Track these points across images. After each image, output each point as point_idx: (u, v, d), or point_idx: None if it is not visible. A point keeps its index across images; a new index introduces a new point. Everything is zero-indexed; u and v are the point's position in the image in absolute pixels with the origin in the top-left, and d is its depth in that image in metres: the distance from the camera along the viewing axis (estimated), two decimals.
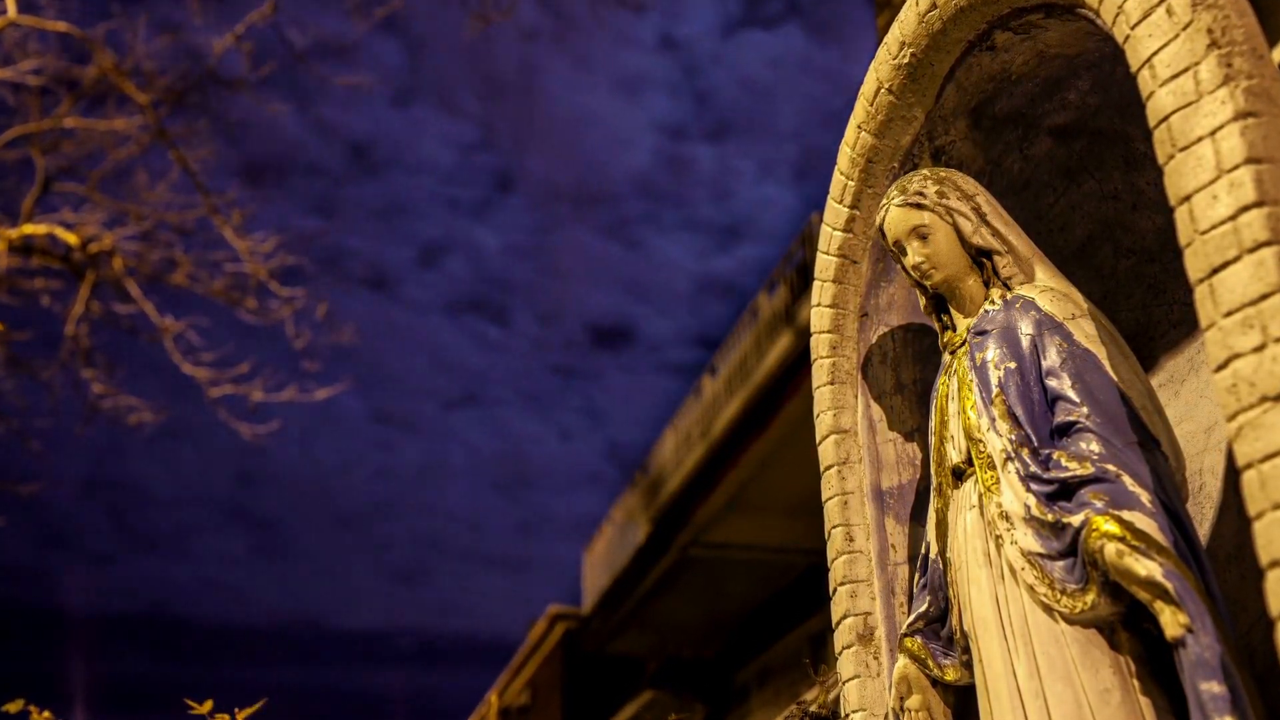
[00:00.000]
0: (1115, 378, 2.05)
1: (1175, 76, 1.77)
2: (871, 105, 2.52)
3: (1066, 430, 2.03)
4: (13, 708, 3.44)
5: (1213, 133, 1.70)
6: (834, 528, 2.56)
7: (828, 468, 2.61)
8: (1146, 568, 1.80)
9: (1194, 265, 1.70)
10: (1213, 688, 1.70)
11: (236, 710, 2.99)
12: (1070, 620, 1.93)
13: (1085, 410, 2.02)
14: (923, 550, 2.34)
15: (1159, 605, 1.79)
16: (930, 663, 2.27)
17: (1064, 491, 1.97)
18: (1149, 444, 1.99)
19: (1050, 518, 1.95)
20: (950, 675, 2.25)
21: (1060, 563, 1.94)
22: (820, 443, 2.64)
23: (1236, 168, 1.66)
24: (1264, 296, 1.60)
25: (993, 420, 2.11)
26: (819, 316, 2.68)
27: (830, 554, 2.57)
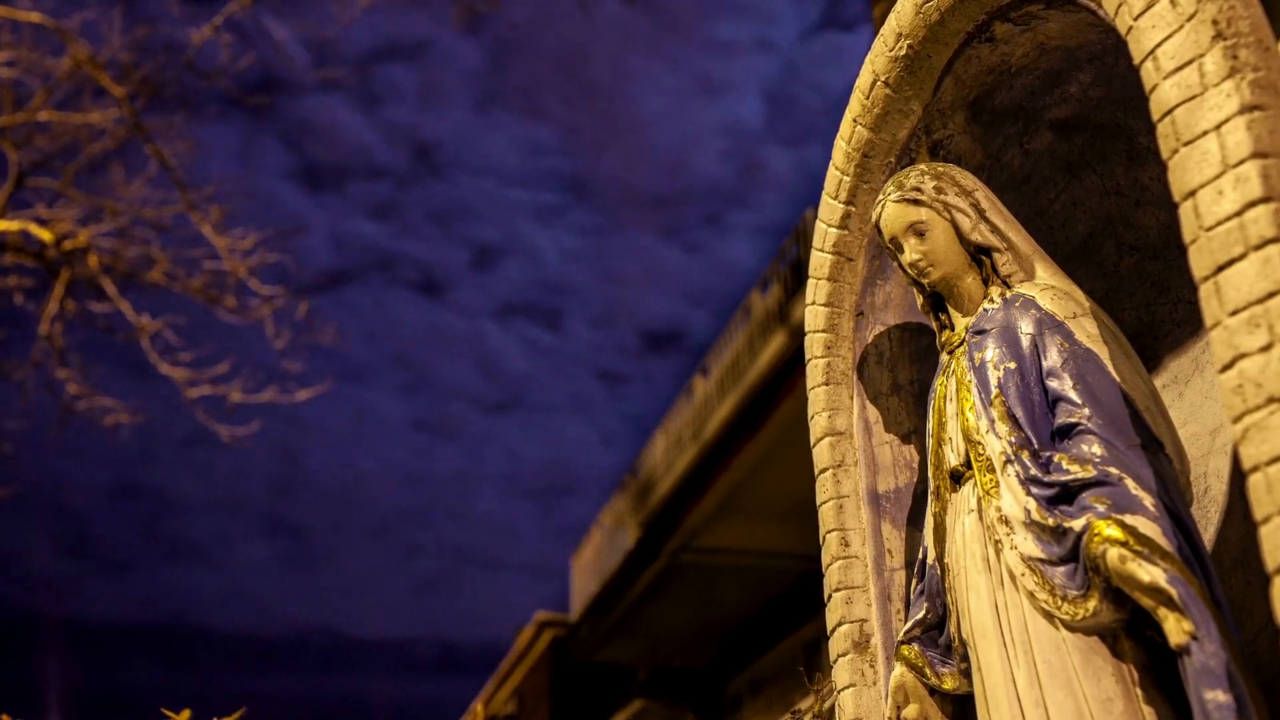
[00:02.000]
0: (1118, 378, 2.02)
1: (1179, 69, 1.74)
2: (867, 99, 2.49)
3: (1068, 432, 2.00)
4: None
5: (1218, 126, 1.68)
6: (829, 532, 2.53)
7: (822, 470, 2.58)
8: (1150, 573, 1.77)
9: (1199, 262, 1.68)
10: (1218, 696, 1.68)
11: (215, 719, 2.95)
12: (1071, 627, 1.91)
13: (1087, 412, 1.98)
14: (920, 555, 2.31)
15: (1163, 612, 1.76)
16: (928, 671, 2.24)
17: (1065, 495, 1.94)
18: (1152, 446, 1.97)
19: (1051, 522, 1.92)
20: (948, 684, 2.22)
21: (1061, 568, 1.91)
22: (815, 445, 2.61)
23: (1242, 162, 1.64)
24: (1271, 294, 1.58)
25: (992, 422, 2.07)
26: (814, 315, 2.64)
27: (825, 559, 2.53)
